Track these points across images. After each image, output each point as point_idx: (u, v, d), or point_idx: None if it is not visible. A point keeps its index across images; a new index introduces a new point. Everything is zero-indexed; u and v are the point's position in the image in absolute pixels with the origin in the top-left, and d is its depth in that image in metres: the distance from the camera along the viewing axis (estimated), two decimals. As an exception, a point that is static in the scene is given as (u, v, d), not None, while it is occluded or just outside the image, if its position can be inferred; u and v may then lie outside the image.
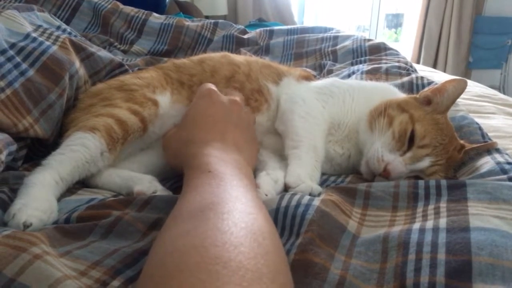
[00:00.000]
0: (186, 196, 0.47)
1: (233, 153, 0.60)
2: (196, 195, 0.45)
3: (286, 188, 0.66)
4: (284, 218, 0.52)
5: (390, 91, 0.86)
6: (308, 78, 0.93)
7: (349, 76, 1.19)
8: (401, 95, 0.83)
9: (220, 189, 0.46)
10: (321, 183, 0.72)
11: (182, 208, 0.44)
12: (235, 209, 0.41)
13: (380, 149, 0.69)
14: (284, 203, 0.54)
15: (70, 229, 0.51)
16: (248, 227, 0.38)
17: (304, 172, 0.68)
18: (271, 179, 0.66)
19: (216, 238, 0.36)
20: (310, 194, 0.61)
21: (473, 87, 1.39)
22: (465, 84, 0.73)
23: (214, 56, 0.93)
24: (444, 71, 3.40)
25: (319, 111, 0.79)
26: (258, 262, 0.34)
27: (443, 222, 0.49)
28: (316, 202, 0.53)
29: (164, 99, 0.80)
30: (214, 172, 0.50)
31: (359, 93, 0.82)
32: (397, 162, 0.68)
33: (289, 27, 1.81)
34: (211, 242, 0.35)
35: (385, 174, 0.68)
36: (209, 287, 0.31)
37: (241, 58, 0.92)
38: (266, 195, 0.62)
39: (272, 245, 0.38)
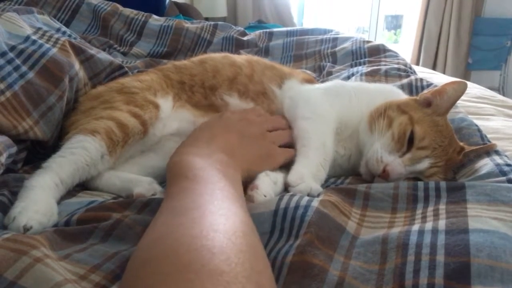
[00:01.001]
0: (164, 204, 0.47)
1: (219, 153, 0.60)
2: (172, 202, 0.46)
3: (286, 187, 0.66)
4: (283, 220, 0.53)
5: (393, 93, 0.86)
6: (310, 81, 0.93)
7: (348, 78, 1.19)
8: (405, 97, 0.83)
9: (195, 194, 0.46)
10: (321, 185, 0.72)
11: (159, 216, 0.44)
12: (208, 213, 0.41)
13: (380, 150, 0.69)
14: (283, 204, 0.54)
15: (70, 231, 0.51)
16: (220, 229, 0.38)
17: (307, 172, 0.67)
18: (271, 180, 0.66)
19: (189, 243, 0.36)
20: (308, 195, 0.61)
21: (472, 89, 1.39)
22: (465, 86, 0.73)
23: (215, 56, 0.93)
24: (444, 72, 3.40)
25: (326, 110, 0.79)
26: (232, 262, 0.34)
27: (442, 224, 0.49)
28: (315, 203, 0.53)
29: (166, 103, 0.80)
30: (191, 177, 0.50)
31: (363, 94, 0.82)
32: (396, 163, 0.68)
33: (288, 28, 1.81)
34: (185, 249, 0.35)
35: (384, 175, 0.68)
36: None
37: (243, 59, 0.92)
38: (265, 196, 0.62)
39: (246, 244, 0.38)
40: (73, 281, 0.41)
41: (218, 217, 0.40)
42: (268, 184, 0.65)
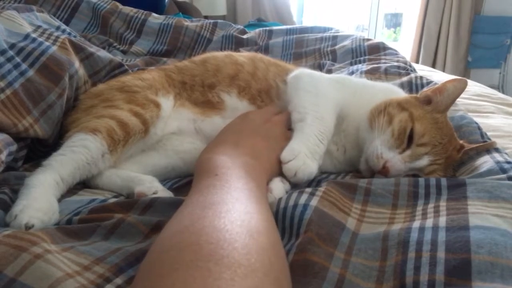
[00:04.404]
0: (191, 197, 0.48)
1: (245, 156, 0.61)
2: (200, 196, 0.46)
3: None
4: (283, 219, 0.53)
5: (393, 91, 0.86)
6: None
7: (348, 76, 1.19)
8: (405, 95, 0.83)
9: (223, 191, 0.47)
10: (321, 181, 0.72)
11: (184, 209, 0.45)
12: (233, 209, 0.42)
13: (380, 147, 0.70)
14: (282, 204, 0.54)
15: (72, 229, 0.51)
16: (244, 225, 0.39)
17: (300, 148, 0.67)
18: (280, 180, 0.66)
19: (211, 235, 0.36)
20: (296, 174, 0.63)
21: (472, 87, 1.39)
22: (465, 84, 0.73)
23: (217, 55, 0.93)
24: (443, 70, 3.40)
25: (329, 91, 0.78)
26: (252, 257, 0.35)
27: (442, 220, 0.49)
28: (314, 202, 0.53)
29: (167, 102, 0.80)
30: (220, 175, 0.51)
31: (365, 90, 0.82)
32: (396, 160, 0.68)
33: (288, 27, 1.81)
34: (206, 240, 0.36)
35: (384, 172, 0.68)
36: (200, 283, 0.32)
37: (245, 57, 0.91)
38: (279, 198, 0.62)
39: (268, 242, 0.39)
40: (76, 273, 0.41)
41: (243, 215, 0.41)
42: (281, 187, 0.65)
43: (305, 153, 0.67)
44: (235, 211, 0.41)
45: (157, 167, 0.78)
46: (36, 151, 0.78)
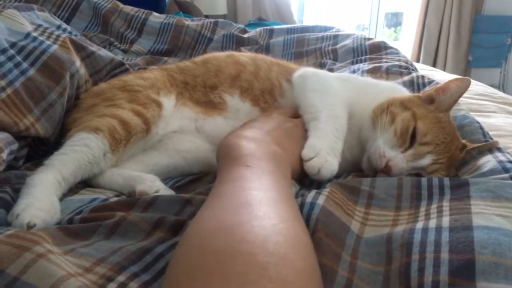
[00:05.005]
0: (222, 187, 0.47)
1: (273, 145, 0.60)
2: (234, 190, 0.45)
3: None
4: None
5: (397, 90, 0.85)
6: None
7: (349, 75, 1.19)
8: (408, 94, 0.83)
9: (258, 187, 0.45)
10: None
11: (217, 201, 0.44)
12: (273, 214, 0.40)
13: (382, 146, 0.69)
14: None
15: (74, 229, 0.51)
16: (289, 234, 0.38)
17: (321, 144, 0.66)
18: (294, 187, 0.66)
19: (261, 245, 0.35)
20: (319, 171, 0.62)
21: (474, 86, 1.39)
22: (469, 83, 0.73)
23: (219, 55, 0.92)
24: (444, 70, 3.39)
25: (337, 89, 0.78)
26: (301, 277, 0.34)
27: (446, 221, 0.49)
28: (321, 200, 0.53)
29: (169, 102, 0.80)
30: (252, 167, 0.50)
31: (369, 89, 0.82)
32: (399, 159, 0.68)
33: (289, 26, 1.81)
34: (259, 252, 0.34)
35: (386, 170, 0.68)
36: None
37: (247, 57, 0.91)
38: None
39: (315, 261, 0.39)
40: (78, 275, 0.41)
41: (280, 223, 0.39)
42: (293, 190, 0.64)
43: (326, 150, 0.66)
44: (276, 217, 0.40)
45: (159, 166, 0.78)
46: (37, 150, 0.77)
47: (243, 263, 0.33)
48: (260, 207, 0.41)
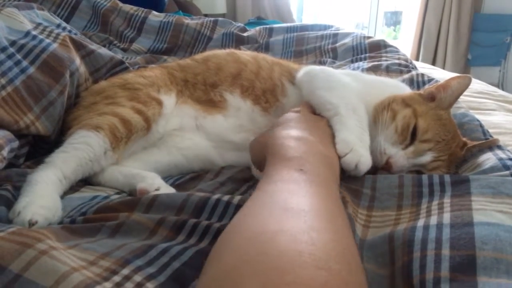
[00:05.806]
0: (275, 185, 0.45)
1: (320, 145, 0.58)
2: (288, 196, 0.43)
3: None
4: None
5: (399, 87, 0.85)
6: None
7: (349, 73, 1.19)
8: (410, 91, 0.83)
9: (313, 197, 0.44)
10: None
11: (262, 199, 0.43)
12: (323, 226, 0.39)
13: (383, 142, 0.69)
14: None
15: (77, 228, 0.51)
16: (336, 248, 0.36)
17: (352, 139, 0.64)
18: None
19: (320, 261, 0.33)
20: (356, 167, 0.61)
21: (474, 84, 1.39)
22: (469, 81, 0.73)
23: (220, 53, 0.92)
24: (443, 68, 3.40)
25: (349, 83, 0.77)
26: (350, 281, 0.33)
27: (447, 217, 0.49)
28: None
29: (169, 100, 0.80)
30: (306, 173, 0.47)
31: (375, 85, 0.82)
32: (399, 156, 0.68)
33: (288, 24, 1.81)
34: (312, 269, 0.32)
35: (387, 167, 0.68)
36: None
37: (248, 55, 0.91)
38: None
39: (353, 258, 0.37)
40: (81, 268, 0.41)
41: (333, 234, 0.38)
42: None
43: (358, 144, 0.64)
44: (326, 230, 0.38)
45: (159, 164, 0.78)
46: (37, 148, 0.77)
47: (292, 275, 0.32)
48: (312, 217, 0.39)
